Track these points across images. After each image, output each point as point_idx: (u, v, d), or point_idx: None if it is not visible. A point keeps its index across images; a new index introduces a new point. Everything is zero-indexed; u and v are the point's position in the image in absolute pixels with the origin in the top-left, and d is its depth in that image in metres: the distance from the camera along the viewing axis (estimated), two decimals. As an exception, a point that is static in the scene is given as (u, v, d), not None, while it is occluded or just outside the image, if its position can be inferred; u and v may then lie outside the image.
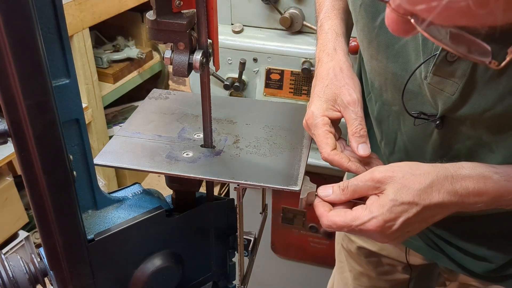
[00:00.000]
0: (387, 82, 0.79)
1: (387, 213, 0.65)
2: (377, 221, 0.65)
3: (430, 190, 0.65)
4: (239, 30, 1.51)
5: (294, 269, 1.92)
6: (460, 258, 0.94)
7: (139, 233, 0.67)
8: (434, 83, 0.70)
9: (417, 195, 0.65)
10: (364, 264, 1.16)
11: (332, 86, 0.78)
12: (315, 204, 0.71)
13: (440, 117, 0.73)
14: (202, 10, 0.62)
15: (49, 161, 0.51)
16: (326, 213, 0.69)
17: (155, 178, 2.65)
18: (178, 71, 0.64)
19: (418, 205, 0.65)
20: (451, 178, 0.66)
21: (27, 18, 0.44)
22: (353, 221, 0.66)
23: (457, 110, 0.71)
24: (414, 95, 0.75)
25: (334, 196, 0.70)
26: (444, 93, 0.70)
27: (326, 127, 0.75)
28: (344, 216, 0.67)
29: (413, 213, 0.65)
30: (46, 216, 0.55)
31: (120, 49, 2.53)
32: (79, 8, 1.99)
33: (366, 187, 0.68)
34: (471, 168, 0.68)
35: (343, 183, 0.70)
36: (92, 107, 2.24)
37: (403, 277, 1.14)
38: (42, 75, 0.48)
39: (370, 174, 0.68)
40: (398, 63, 0.75)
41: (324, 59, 0.83)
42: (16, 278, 0.63)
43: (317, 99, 0.78)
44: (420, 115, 0.75)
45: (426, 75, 0.71)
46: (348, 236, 1.16)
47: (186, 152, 0.73)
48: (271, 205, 1.76)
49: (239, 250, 0.77)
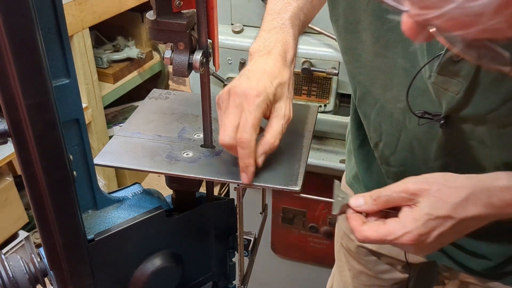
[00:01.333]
0: (394, 79, 0.78)
1: (421, 227, 0.65)
2: (412, 235, 0.65)
3: (465, 203, 0.65)
4: (239, 30, 1.51)
5: (294, 269, 1.92)
6: (459, 256, 0.94)
7: (139, 233, 0.67)
8: (438, 83, 0.70)
9: (453, 209, 0.65)
10: (364, 263, 1.16)
11: (284, 89, 0.72)
12: (348, 217, 0.71)
13: (444, 117, 0.73)
14: (202, 10, 0.62)
15: (49, 161, 0.51)
16: (359, 227, 0.69)
17: (155, 178, 2.65)
18: (178, 71, 0.64)
19: (453, 218, 0.65)
20: (487, 191, 0.66)
21: (27, 18, 0.44)
22: (387, 236, 0.66)
23: (461, 110, 0.71)
24: (420, 92, 0.74)
25: (366, 206, 0.70)
26: (448, 92, 0.70)
27: (261, 115, 0.67)
28: (378, 231, 0.67)
29: (448, 226, 0.65)
30: (46, 216, 0.55)
31: (120, 49, 2.53)
32: (79, 8, 1.99)
33: (399, 198, 0.68)
34: (508, 179, 0.67)
35: (375, 193, 0.70)
36: (92, 107, 2.24)
37: (402, 276, 1.14)
38: (42, 75, 0.48)
39: (403, 185, 0.68)
40: (408, 59, 0.74)
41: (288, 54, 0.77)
42: (16, 278, 0.63)
43: (268, 82, 0.69)
44: (425, 115, 0.75)
45: (431, 75, 0.70)
46: (347, 234, 1.16)
47: (186, 152, 0.73)
48: (271, 205, 1.76)
49: (239, 250, 0.77)
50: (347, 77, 1.46)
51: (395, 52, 0.75)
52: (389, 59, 0.77)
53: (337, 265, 1.29)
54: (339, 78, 1.46)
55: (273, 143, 0.69)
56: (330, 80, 1.47)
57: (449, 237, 0.67)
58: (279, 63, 0.74)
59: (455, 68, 0.68)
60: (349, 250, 1.19)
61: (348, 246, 1.18)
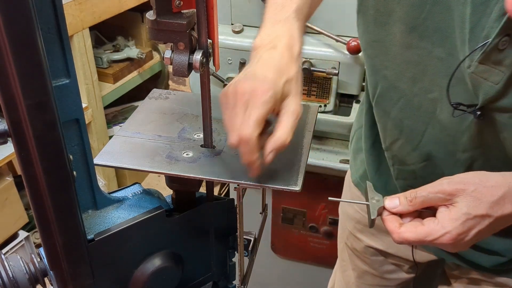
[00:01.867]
0: (427, 70, 0.77)
1: (460, 227, 0.66)
2: (451, 235, 0.66)
3: (502, 201, 0.66)
4: (239, 30, 1.51)
5: (294, 269, 1.92)
6: (470, 254, 0.94)
7: (139, 233, 0.67)
8: (478, 72, 0.69)
9: (490, 208, 0.66)
10: (369, 263, 1.16)
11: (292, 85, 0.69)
12: (384, 219, 0.71)
13: (479, 108, 0.73)
14: (202, 10, 0.62)
15: (49, 161, 0.51)
16: (397, 229, 0.69)
17: (155, 178, 2.65)
18: (178, 71, 0.64)
19: (491, 217, 0.66)
20: None
21: (27, 18, 0.44)
22: (426, 237, 0.67)
23: (498, 101, 0.70)
24: (456, 81, 0.73)
25: (401, 207, 0.70)
26: (488, 82, 0.69)
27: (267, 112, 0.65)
28: (416, 232, 0.68)
29: (486, 225, 0.66)
30: (46, 216, 0.55)
31: (120, 49, 2.53)
32: (79, 8, 1.99)
33: (436, 199, 0.68)
34: None
35: (410, 194, 0.70)
36: (92, 107, 2.24)
37: (407, 276, 1.14)
38: (42, 75, 0.48)
39: (439, 186, 0.68)
40: (445, 48, 0.73)
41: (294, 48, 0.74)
42: (16, 278, 0.63)
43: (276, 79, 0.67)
44: (459, 106, 0.74)
45: (470, 64, 0.70)
46: (354, 234, 1.16)
47: (186, 152, 0.73)
48: (271, 205, 1.76)
49: (239, 250, 0.77)
50: (347, 77, 1.48)
51: (431, 41, 0.75)
52: (422, 50, 0.76)
53: (339, 264, 1.29)
54: (339, 78, 1.46)
55: (285, 141, 0.66)
56: (330, 80, 1.47)
57: (485, 235, 0.68)
58: (286, 57, 0.72)
59: (499, 57, 0.67)
60: (354, 250, 1.18)
61: (354, 245, 1.17)
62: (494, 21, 0.65)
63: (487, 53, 0.67)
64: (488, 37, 0.66)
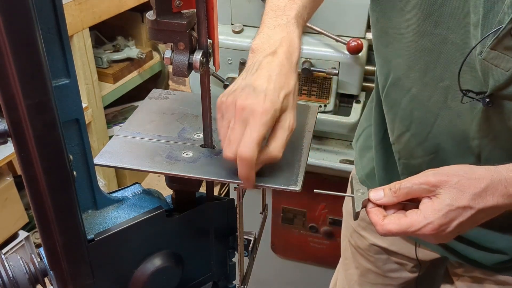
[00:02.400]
0: (440, 57, 0.78)
1: (442, 218, 0.66)
2: (433, 226, 0.66)
3: (484, 194, 0.67)
4: (239, 30, 1.51)
5: (294, 269, 1.92)
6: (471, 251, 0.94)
7: (139, 233, 0.67)
8: (489, 59, 0.70)
9: (472, 200, 0.66)
10: (373, 261, 1.16)
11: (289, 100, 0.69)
12: (368, 211, 0.71)
13: (489, 95, 0.73)
14: (202, 10, 0.62)
15: (49, 161, 0.51)
16: (380, 221, 0.69)
17: (155, 178, 2.65)
18: (178, 71, 0.64)
19: (472, 208, 0.67)
20: (504, 181, 0.68)
21: (27, 18, 0.44)
22: (409, 228, 0.67)
23: (507, 87, 0.71)
24: (468, 67, 0.74)
25: (386, 199, 0.71)
26: (498, 69, 0.70)
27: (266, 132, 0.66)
28: (399, 223, 0.68)
29: (467, 216, 0.67)
30: (46, 216, 0.55)
31: (120, 49, 2.53)
32: (79, 8, 1.99)
33: (420, 190, 0.69)
34: None
35: (395, 185, 0.71)
36: (92, 107, 2.24)
37: (411, 275, 1.14)
38: (42, 75, 0.47)
39: (424, 177, 0.69)
40: (460, 34, 0.74)
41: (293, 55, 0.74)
42: (16, 278, 0.63)
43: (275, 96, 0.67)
44: (468, 93, 0.75)
45: (482, 51, 0.70)
46: (358, 232, 1.16)
47: (186, 152, 0.73)
48: (271, 205, 1.76)
49: (239, 250, 0.77)
50: (347, 77, 1.48)
51: (446, 27, 0.75)
52: (437, 37, 0.77)
53: (342, 263, 1.29)
54: (339, 78, 1.46)
55: (277, 156, 0.67)
56: (330, 80, 1.47)
57: (466, 227, 0.69)
58: (285, 67, 0.71)
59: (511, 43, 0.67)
60: (357, 248, 1.18)
61: (358, 243, 1.18)
62: (508, 7, 0.65)
63: (500, 38, 0.67)
64: (502, 23, 0.66)
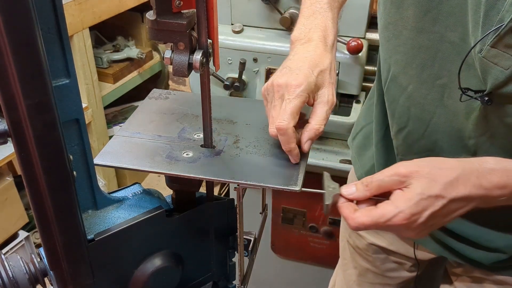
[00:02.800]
0: (437, 55, 0.78)
1: (414, 207, 0.66)
2: (404, 214, 0.66)
3: (456, 183, 0.66)
4: (239, 30, 1.51)
5: (294, 269, 1.92)
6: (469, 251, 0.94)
7: (139, 233, 0.67)
8: (489, 57, 0.69)
9: (444, 189, 0.66)
10: (371, 260, 1.16)
11: (325, 76, 0.76)
12: (339, 206, 0.71)
13: (487, 93, 0.73)
14: (202, 10, 0.62)
15: (49, 161, 0.51)
16: (352, 215, 0.69)
17: (155, 178, 2.65)
18: (178, 71, 0.64)
19: (444, 198, 0.66)
20: (476, 171, 0.67)
21: (27, 18, 0.44)
22: (380, 218, 0.66)
23: (506, 86, 0.70)
24: (467, 66, 0.74)
25: (358, 193, 0.70)
26: (498, 67, 0.69)
27: (301, 104, 0.72)
28: (371, 215, 0.67)
29: (439, 206, 0.66)
30: (46, 216, 0.55)
31: (120, 49, 2.53)
32: (79, 8, 1.99)
33: (391, 182, 0.68)
34: (495, 162, 0.69)
35: (366, 179, 0.70)
36: (92, 107, 2.24)
37: (409, 275, 1.14)
38: (42, 75, 0.48)
39: (395, 169, 0.69)
40: (458, 32, 0.74)
41: (328, 38, 0.81)
42: (16, 278, 0.63)
43: (309, 72, 0.74)
44: (467, 91, 0.74)
45: (482, 49, 0.70)
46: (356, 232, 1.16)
47: (186, 152, 0.73)
48: (271, 205, 1.76)
49: (239, 250, 0.77)
50: (347, 77, 1.48)
51: (444, 25, 0.75)
52: (434, 34, 0.77)
53: (341, 263, 1.29)
54: (339, 78, 1.46)
55: (318, 129, 0.73)
56: (330, 80, 1.47)
57: (439, 219, 0.68)
58: (320, 49, 0.78)
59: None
60: (356, 248, 1.18)
61: (356, 243, 1.17)
62: (510, 5, 0.65)
63: (501, 36, 0.67)
64: (503, 20, 0.66)
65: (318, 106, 0.75)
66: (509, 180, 0.68)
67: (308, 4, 0.86)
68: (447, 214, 0.68)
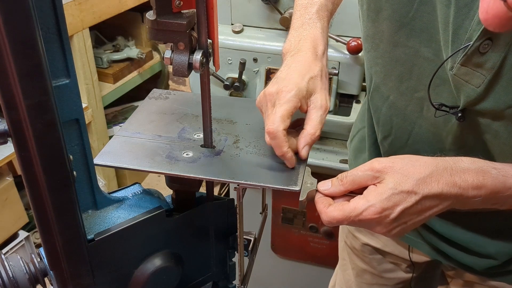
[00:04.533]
0: (414, 69, 0.78)
1: (385, 201, 0.65)
2: (375, 208, 0.65)
3: (429, 180, 0.66)
4: (239, 30, 1.51)
5: (294, 269, 1.92)
6: (462, 256, 0.94)
7: (139, 233, 0.67)
8: (460, 74, 0.70)
9: (416, 185, 0.65)
10: (368, 261, 1.16)
11: (316, 82, 0.77)
12: (315, 201, 0.71)
13: (461, 110, 0.73)
14: (202, 10, 0.62)
15: (49, 161, 0.51)
16: (325, 209, 0.69)
17: (155, 178, 2.65)
18: (178, 71, 0.64)
19: (417, 194, 0.65)
20: (450, 169, 0.67)
21: (27, 18, 0.44)
22: (352, 212, 0.66)
23: (479, 103, 0.71)
24: (442, 81, 0.74)
25: (333, 188, 0.70)
26: (469, 85, 0.70)
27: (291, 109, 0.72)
28: (342, 209, 0.67)
29: (412, 202, 0.66)
30: (46, 216, 0.55)
31: (120, 49, 2.53)
32: (79, 8, 1.99)
33: (365, 177, 0.68)
34: (470, 162, 0.69)
35: (342, 174, 0.70)
36: (92, 107, 2.24)
37: (406, 275, 1.14)
38: (42, 75, 0.48)
39: (369, 164, 0.69)
40: (432, 48, 0.74)
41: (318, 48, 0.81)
42: (16, 278, 0.63)
43: (299, 79, 0.75)
44: (441, 107, 0.75)
45: (453, 66, 0.70)
46: (352, 232, 1.16)
47: (186, 152, 0.73)
48: (271, 205, 1.76)
49: (239, 250, 0.77)
50: (347, 77, 1.48)
51: (418, 41, 0.75)
52: (410, 49, 0.77)
53: (340, 264, 1.29)
54: (339, 78, 1.46)
55: (314, 134, 0.73)
56: (330, 80, 1.47)
57: (412, 217, 0.68)
58: (310, 58, 0.79)
59: (480, 60, 0.67)
60: (353, 249, 1.18)
61: (353, 244, 1.18)
62: (476, 24, 0.65)
63: (469, 55, 0.67)
64: (470, 39, 0.66)
65: (312, 111, 0.75)
66: (484, 181, 0.67)
67: (298, 15, 0.86)
68: (420, 212, 0.68)
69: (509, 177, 0.68)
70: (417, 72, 0.78)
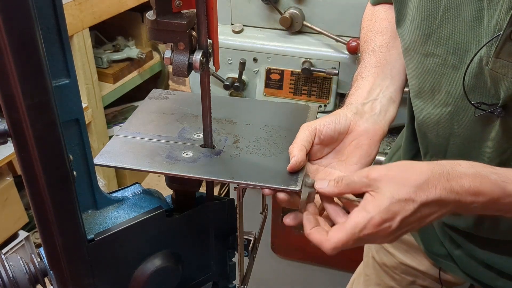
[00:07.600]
0: (443, 79, 0.78)
1: (384, 212, 0.64)
2: (375, 220, 0.64)
3: (426, 186, 0.64)
4: (239, 30, 1.51)
5: (294, 269, 1.92)
6: (493, 278, 0.93)
7: (139, 233, 0.67)
8: (496, 68, 0.68)
9: (413, 192, 0.64)
10: (399, 280, 1.14)
11: None
12: (308, 233, 0.69)
13: (502, 106, 0.71)
14: (202, 10, 0.62)
15: (49, 161, 0.51)
16: (325, 237, 0.66)
17: (155, 178, 2.65)
18: (178, 71, 0.64)
19: (414, 201, 0.64)
20: (447, 174, 0.65)
21: (27, 18, 0.44)
22: (355, 228, 0.64)
23: None
24: (471, 88, 0.73)
25: (328, 188, 0.69)
26: (507, 78, 0.68)
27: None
28: (344, 228, 0.65)
29: (411, 210, 0.64)
30: (46, 216, 0.55)
31: (120, 49, 2.53)
32: (79, 8, 1.99)
33: (360, 183, 0.67)
34: (467, 166, 0.67)
35: (339, 177, 0.69)
36: (92, 107, 2.24)
37: None
38: (42, 75, 0.48)
39: (367, 171, 0.68)
40: (458, 55, 0.74)
41: None
42: (16, 278, 0.63)
43: None
44: (481, 105, 0.73)
45: (488, 61, 0.69)
46: (386, 248, 1.14)
47: (186, 152, 0.73)
48: (271, 205, 1.76)
49: (239, 250, 0.77)
50: (347, 77, 1.48)
51: (445, 48, 0.75)
52: (438, 57, 0.77)
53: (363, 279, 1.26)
54: (339, 78, 1.46)
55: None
56: (330, 80, 1.47)
57: (413, 225, 0.66)
58: None
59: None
60: (383, 265, 1.16)
61: (384, 260, 1.16)
62: (505, 13, 0.65)
63: (501, 45, 0.66)
64: (500, 29, 0.66)
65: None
66: (481, 186, 0.65)
67: None
68: (420, 219, 0.66)
69: (509, 183, 0.66)
70: (446, 83, 0.78)
